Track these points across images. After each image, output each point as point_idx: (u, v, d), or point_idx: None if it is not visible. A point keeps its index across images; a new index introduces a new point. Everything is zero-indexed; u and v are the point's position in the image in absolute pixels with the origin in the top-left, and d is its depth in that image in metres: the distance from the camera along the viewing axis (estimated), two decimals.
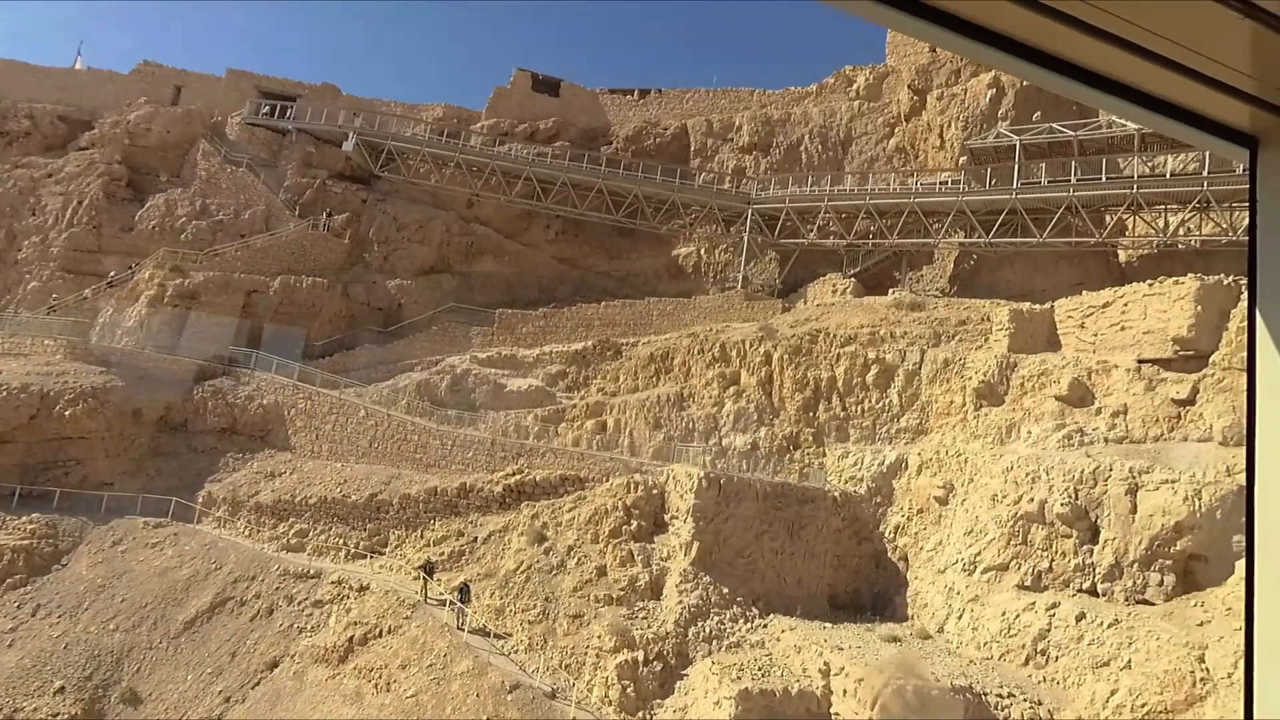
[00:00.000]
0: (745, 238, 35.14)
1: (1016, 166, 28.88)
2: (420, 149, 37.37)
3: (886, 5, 1.08)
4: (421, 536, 26.59)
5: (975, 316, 29.02)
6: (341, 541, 26.69)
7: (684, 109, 40.51)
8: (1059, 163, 29.84)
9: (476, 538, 25.85)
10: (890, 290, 32.16)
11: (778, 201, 34.82)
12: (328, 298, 34.76)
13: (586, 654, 20.89)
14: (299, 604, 23.82)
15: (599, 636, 21.18)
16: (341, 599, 23.79)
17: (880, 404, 28.23)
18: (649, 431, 29.88)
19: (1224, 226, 25.83)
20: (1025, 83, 31.92)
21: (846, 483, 26.86)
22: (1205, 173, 25.58)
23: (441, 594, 22.72)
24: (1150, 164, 28.75)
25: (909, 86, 34.85)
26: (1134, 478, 20.67)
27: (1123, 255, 29.18)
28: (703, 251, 38.41)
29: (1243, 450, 17.17)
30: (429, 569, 23.57)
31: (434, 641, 21.00)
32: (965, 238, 31.57)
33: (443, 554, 25.36)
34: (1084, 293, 26.62)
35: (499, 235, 39.42)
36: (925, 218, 31.71)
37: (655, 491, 25.65)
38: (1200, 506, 19.53)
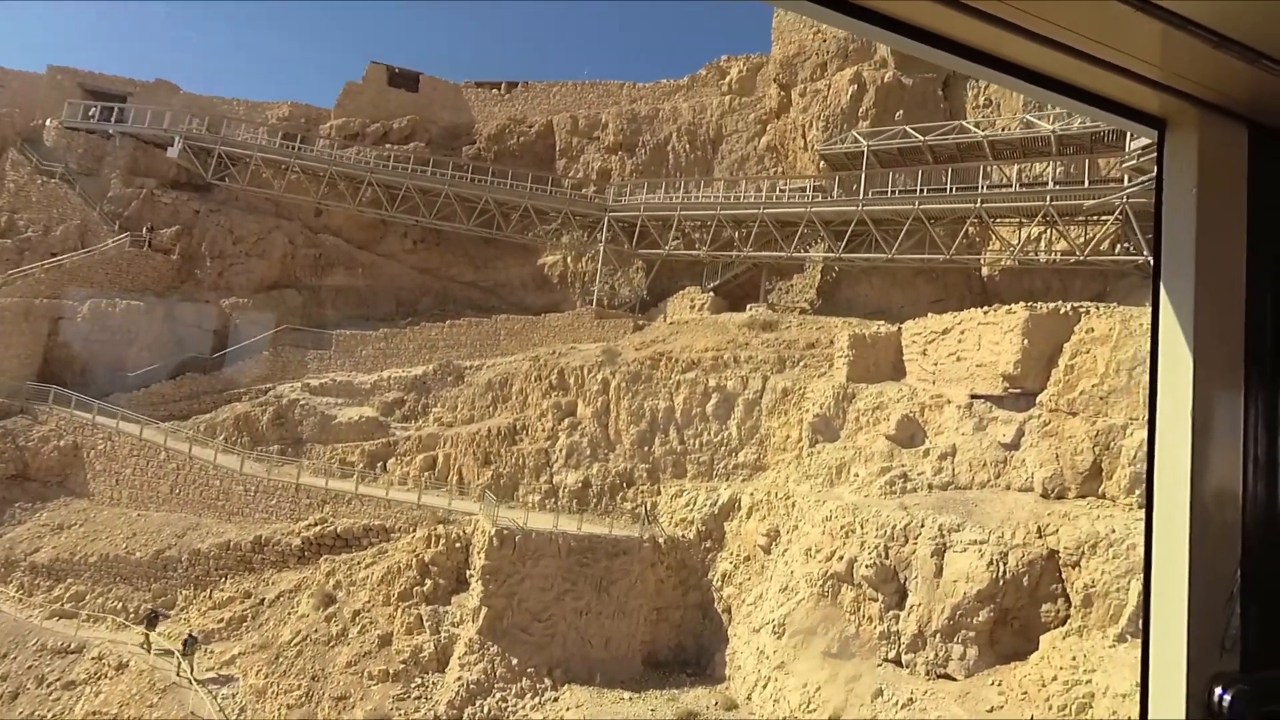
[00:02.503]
0: (602, 248, 32.52)
1: (863, 175, 26.38)
2: (252, 154, 34.15)
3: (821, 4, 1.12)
4: (210, 597, 24.21)
5: (825, 338, 26.78)
6: (121, 605, 24.25)
7: (551, 104, 37.47)
8: (925, 170, 27.33)
9: (264, 599, 23.53)
10: (749, 306, 29.83)
11: (634, 209, 32.16)
12: (146, 321, 31.79)
13: None
14: (49, 686, 21.44)
15: None
16: (97, 679, 21.45)
17: (719, 437, 26.05)
18: (478, 468, 27.54)
19: (1073, 244, 23.57)
20: (887, 79, 29.33)
21: (677, 525, 24.75)
22: (1050, 185, 23.25)
23: (166, 647, 20.88)
24: (1014, 172, 26.38)
25: (774, 80, 32.05)
26: (943, 537, 18.68)
27: (986, 270, 26.93)
28: (568, 260, 35.79)
29: (1060, 505, 15.05)
30: (152, 620, 21.64)
31: None
32: (828, 250, 29.17)
33: (222, 620, 23.04)
34: (929, 315, 24.42)
35: (350, 246, 36.50)
36: (781, 228, 29.23)
37: (459, 545, 23.42)
38: (1005, 572, 17.59)
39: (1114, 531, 16.80)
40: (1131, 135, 19.35)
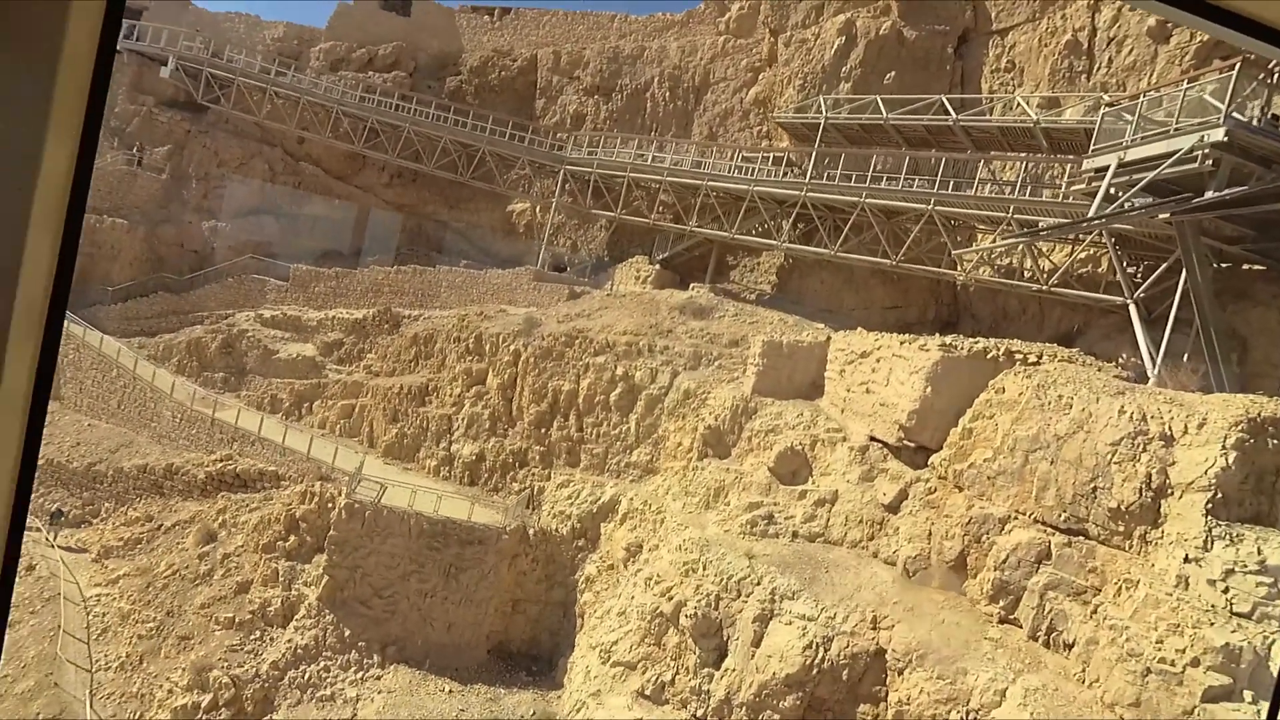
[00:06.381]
0: (555, 203, 30.13)
1: (814, 153, 22.03)
2: (234, 77, 33.89)
3: None
4: (126, 514, 25.90)
5: (752, 336, 23.61)
6: (56, 509, 26.46)
7: (539, 36, 34.29)
8: (908, 157, 22.48)
9: (162, 525, 24.84)
10: (692, 285, 26.86)
11: (588, 164, 29.25)
12: (128, 240, 33.28)
13: (161, 688, 19.72)
14: None
15: (180, 670, 19.88)
16: None
17: (618, 430, 24.10)
18: (386, 425, 27.26)
19: (1039, 266, 18.66)
20: (884, 31, 24.01)
21: (554, 517, 23.48)
22: (1015, 194, 18.17)
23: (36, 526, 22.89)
24: (1008, 169, 21.09)
25: (764, 23, 27.26)
26: (774, 602, 16.30)
27: (961, 276, 22.29)
28: (538, 210, 33.67)
29: (915, 594, 12.53)
30: (56, 516, 23.55)
31: (26, 651, 20.45)
32: (791, 232, 25.33)
33: (122, 539, 24.60)
34: (859, 330, 20.71)
35: (328, 176, 36.13)
36: (733, 202, 25.53)
37: (331, 505, 23.37)
38: (823, 660, 15.13)
39: (949, 644, 13.79)
40: (1091, 152, 14.44)
